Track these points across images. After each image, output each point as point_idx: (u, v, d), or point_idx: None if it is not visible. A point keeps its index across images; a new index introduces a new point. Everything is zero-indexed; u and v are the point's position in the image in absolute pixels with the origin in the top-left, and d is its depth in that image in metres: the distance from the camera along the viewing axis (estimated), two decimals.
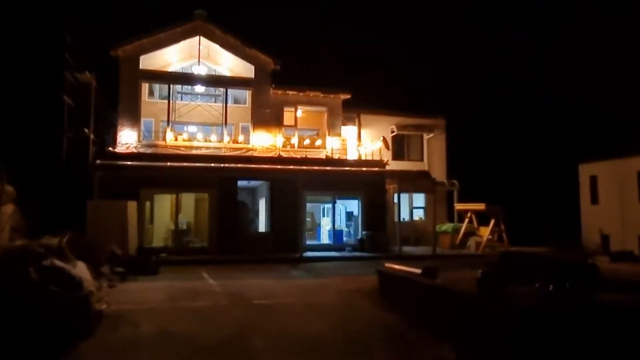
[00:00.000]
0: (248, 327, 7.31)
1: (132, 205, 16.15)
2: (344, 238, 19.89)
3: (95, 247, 12.19)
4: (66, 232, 11.78)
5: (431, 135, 24.56)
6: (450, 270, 11.42)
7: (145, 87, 21.01)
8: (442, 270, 9.92)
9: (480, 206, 19.66)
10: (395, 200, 18.73)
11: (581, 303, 7.08)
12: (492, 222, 19.69)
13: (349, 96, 21.65)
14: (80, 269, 7.21)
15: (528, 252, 13.34)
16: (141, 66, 19.31)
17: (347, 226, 20.78)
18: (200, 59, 21.25)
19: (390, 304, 9.32)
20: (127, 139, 18.61)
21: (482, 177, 28.17)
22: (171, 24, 19.60)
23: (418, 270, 9.67)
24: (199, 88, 22.21)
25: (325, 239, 20.15)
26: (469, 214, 21.03)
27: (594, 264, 9.26)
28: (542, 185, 29.85)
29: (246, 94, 21.99)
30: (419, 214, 24.03)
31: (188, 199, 19.86)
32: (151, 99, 21.84)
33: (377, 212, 19.31)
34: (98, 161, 15.60)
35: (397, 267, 10.85)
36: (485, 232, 20.12)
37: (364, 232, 18.97)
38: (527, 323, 5.86)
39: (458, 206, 22.03)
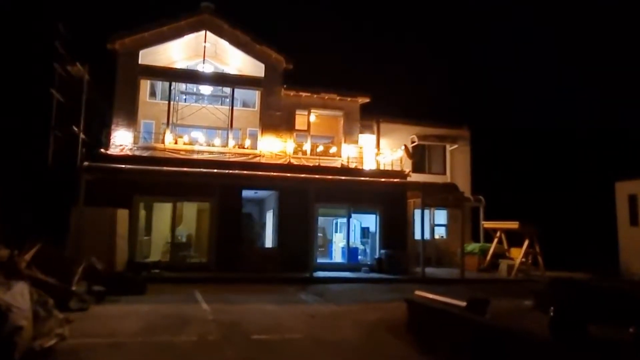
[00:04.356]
0: None
1: (122, 214, 14.42)
2: (359, 257, 17.86)
3: (69, 261, 10.41)
4: (38, 242, 10.09)
5: (454, 146, 22.62)
6: (488, 298, 9.38)
7: (146, 86, 19.42)
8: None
9: (513, 225, 17.51)
10: (418, 216, 16.74)
11: None
12: (526, 243, 17.52)
13: (367, 100, 19.78)
14: (16, 294, 5.33)
15: (584, 280, 11.25)
16: (141, 62, 17.69)
17: (363, 244, 18.75)
18: (207, 58, 19.61)
19: (424, 344, 7.30)
20: (121, 140, 16.90)
21: (508, 193, 26.06)
22: (175, 17, 18.01)
23: (461, 303, 7.66)
24: (205, 89, 20.55)
25: (338, 257, 18.12)
26: (498, 234, 18.89)
27: None
28: (575, 204, 27.59)
29: (255, 97, 20.29)
30: (439, 232, 22.01)
31: (190, 209, 18.08)
32: (152, 100, 20.22)
33: (397, 228, 17.32)
34: (86, 163, 13.83)
35: (430, 296, 8.84)
36: (517, 253, 17.95)
37: (382, 251, 16.95)
38: None
39: (486, 224, 19.90)
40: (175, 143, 17.77)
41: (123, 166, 14.58)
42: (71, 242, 13.01)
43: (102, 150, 15.82)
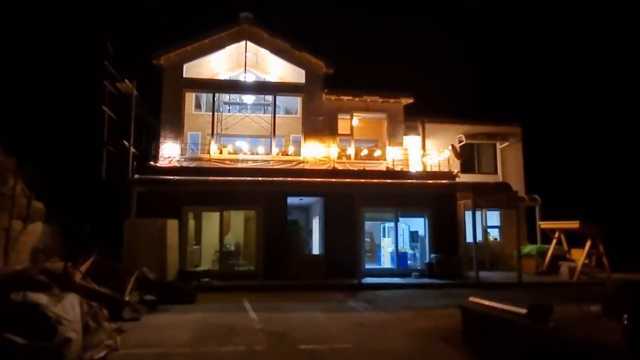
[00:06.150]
0: None
1: (172, 224, 14.70)
2: (409, 262, 17.35)
3: (122, 272, 10.64)
4: (93, 254, 10.43)
5: (505, 144, 21.64)
6: (551, 304, 8.73)
7: (191, 99, 19.88)
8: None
9: (573, 224, 16.42)
10: (469, 217, 16.06)
11: None
12: (588, 243, 16.39)
13: (411, 100, 19.28)
14: (67, 306, 5.40)
15: None
16: (185, 75, 18.13)
17: (412, 248, 18.21)
18: (248, 68, 19.84)
19: (483, 356, 6.86)
20: (169, 152, 17.33)
21: (565, 191, 24.69)
22: (216, 29, 18.33)
23: (521, 310, 7.12)
24: (248, 98, 20.79)
25: (387, 262, 17.68)
26: (557, 234, 17.80)
27: None
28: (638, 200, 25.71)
29: (297, 104, 20.29)
30: (493, 234, 21.07)
31: (237, 218, 18.28)
32: (198, 112, 20.68)
33: (447, 231, 16.71)
34: (136, 175, 14.26)
35: (487, 302, 8.32)
36: (579, 255, 16.82)
37: (432, 255, 16.38)
38: None
39: (544, 225, 18.81)
40: (220, 153, 18.03)
41: (171, 177, 14.92)
42: (125, 253, 13.40)
43: (152, 162, 16.27)
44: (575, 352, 5.35)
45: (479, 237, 19.86)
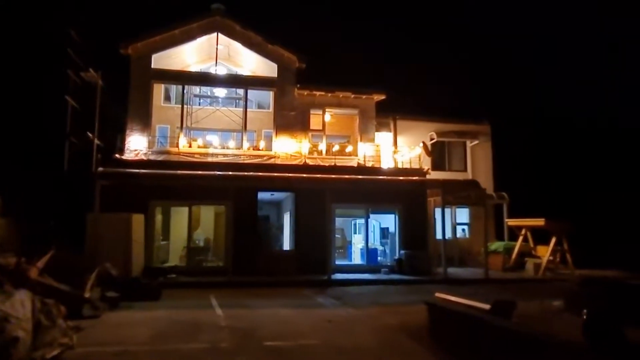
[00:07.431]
0: None
1: (137, 219, 14.30)
2: (379, 258, 17.42)
3: (83, 268, 10.28)
4: (52, 249, 10.03)
5: (475, 142, 21.96)
6: (515, 300, 8.87)
7: (160, 90, 19.38)
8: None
9: (539, 222, 16.82)
10: (439, 214, 16.23)
11: None
12: (553, 240, 16.82)
13: (383, 97, 19.33)
14: (16, 303, 5.12)
15: (618, 279, 10.61)
16: (154, 66, 17.64)
17: (382, 244, 18.29)
18: (220, 61, 19.48)
19: (448, 351, 6.88)
20: (136, 145, 16.85)
21: (532, 190, 25.26)
22: (186, 20, 17.92)
23: (485, 306, 7.21)
24: (219, 92, 20.41)
25: (357, 258, 17.71)
26: (523, 231, 18.20)
27: None
28: (602, 199, 26.56)
29: (269, 99, 20.06)
30: (462, 231, 21.39)
31: (207, 213, 17.93)
32: (167, 104, 20.16)
33: (417, 228, 16.83)
34: (100, 168, 13.78)
35: (452, 298, 8.40)
36: (544, 252, 17.25)
37: (402, 252, 16.48)
38: None
39: (510, 222, 19.21)
40: (190, 146, 17.66)
41: (138, 171, 14.49)
42: (87, 248, 12.96)
43: (117, 155, 15.78)
44: (537, 346, 5.41)
45: (448, 234, 20.10)
